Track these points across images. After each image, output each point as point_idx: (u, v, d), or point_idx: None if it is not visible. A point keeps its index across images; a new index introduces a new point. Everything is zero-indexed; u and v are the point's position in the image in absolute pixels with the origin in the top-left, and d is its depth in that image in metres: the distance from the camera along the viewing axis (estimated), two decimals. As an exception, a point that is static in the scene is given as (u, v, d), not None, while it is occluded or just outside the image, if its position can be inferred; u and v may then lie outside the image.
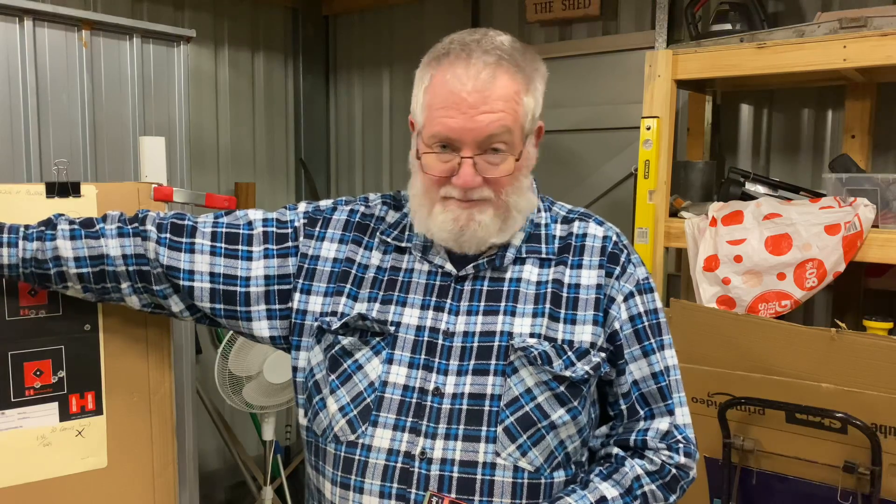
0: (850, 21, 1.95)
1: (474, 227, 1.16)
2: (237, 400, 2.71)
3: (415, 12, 3.49)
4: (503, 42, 1.15)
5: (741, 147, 2.64)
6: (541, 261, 1.23)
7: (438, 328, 1.19)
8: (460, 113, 1.11)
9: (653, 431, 1.21)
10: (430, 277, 1.23)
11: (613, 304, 1.21)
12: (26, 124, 2.06)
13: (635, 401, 1.22)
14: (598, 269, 1.21)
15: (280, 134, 3.71)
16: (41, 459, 1.49)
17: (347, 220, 1.31)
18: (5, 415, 1.46)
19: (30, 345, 1.48)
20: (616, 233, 1.27)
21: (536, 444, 1.15)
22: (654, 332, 1.23)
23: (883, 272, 2.30)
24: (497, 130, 1.12)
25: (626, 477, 1.19)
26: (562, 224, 1.27)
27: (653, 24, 2.70)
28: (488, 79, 1.11)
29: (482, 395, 1.14)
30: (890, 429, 1.74)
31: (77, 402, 1.52)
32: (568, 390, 1.16)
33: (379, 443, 1.16)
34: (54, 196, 1.54)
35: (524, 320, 1.18)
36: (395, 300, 1.22)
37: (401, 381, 1.17)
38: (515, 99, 1.13)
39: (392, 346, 1.19)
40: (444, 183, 1.16)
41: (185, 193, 1.83)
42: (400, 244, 1.27)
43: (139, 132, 2.29)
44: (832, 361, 1.80)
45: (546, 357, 1.15)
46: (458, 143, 1.13)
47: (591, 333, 1.18)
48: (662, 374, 1.23)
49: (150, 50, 2.32)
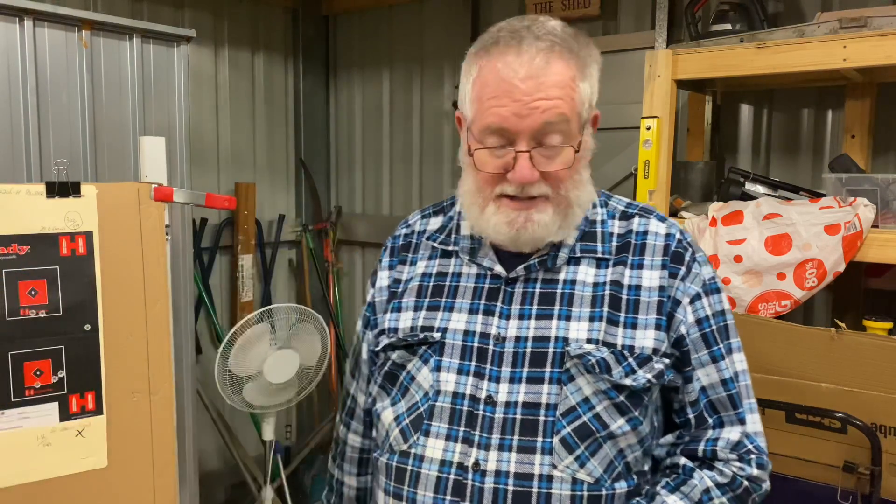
0: (850, 21, 1.95)
1: (532, 228, 1.10)
2: (237, 400, 2.71)
3: (415, 12, 3.49)
4: (555, 27, 1.09)
5: (741, 147, 2.64)
6: (597, 260, 1.15)
7: (489, 333, 1.13)
8: (513, 101, 1.04)
9: (723, 441, 1.13)
10: (479, 280, 1.18)
11: (679, 306, 1.13)
12: (26, 124, 2.07)
13: (704, 409, 1.14)
14: (661, 270, 1.14)
15: (280, 134, 3.71)
16: (41, 459, 1.49)
17: (392, 247, 1.31)
18: (5, 415, 1.46)
19: (30, 345, 1.48)
20: (680, 230, 1.19)
21: (595, 455, 1.08)
22: (722, 336, 1.15)
23: (883, 272, 2.30)
24: (554, 118, 1.05)
25: (695, 489, 1.11)
26: (620, 220, 1.19)
27: (653, 24, 2.70)
28: (542, 65, 1.04)
29: (537, 405, 1.09)
30: (890, 429, 1.74)
31: (77, 402, 1.52)
32: (628, 399, 1.09)
33: (431, 453, 1.12)
34: (54, 196, 1.54)
35: (580, 325, 1.11)
36: (441, 306, 1.18)
37: (450, 388, 1.13)
38: (571, 85, 1.06)
39: (440, 353, 1.15)
40: (498, 180, 1.09)
41: (185, 193, 1.82)
42: (446, 248, 1.23)
43: (139, 132, 2.30)
44: (832, 361, 1.80)
45: (605, 364, 1.08)
46: (513, 135, 1.06)
47: (653, 339, 1.11)
48: (732, 380, 1.15)
49: (150, 50, 2.32)
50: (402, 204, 3.64)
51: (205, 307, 3.33)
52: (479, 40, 1.13)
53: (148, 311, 1.65)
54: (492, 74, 1.07)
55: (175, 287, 1.98)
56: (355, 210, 3.81)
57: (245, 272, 3.47)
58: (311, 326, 2.77)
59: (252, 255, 3.49)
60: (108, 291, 1.60)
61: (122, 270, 1.64)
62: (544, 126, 1.05)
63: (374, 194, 3.74)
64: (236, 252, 3.44)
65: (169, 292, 1.75)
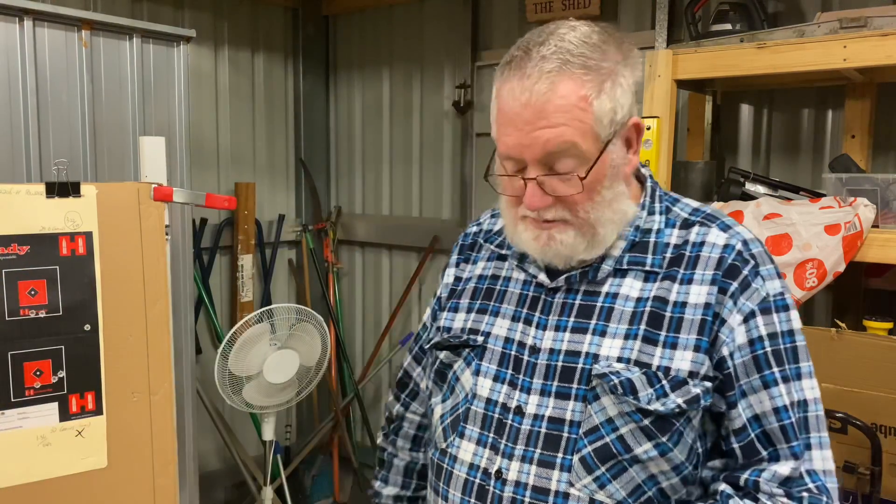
0: (850, 21, 1.95)
1: (556, 247, 1.07)
2: (237, 400, 2.71)
3: (415, 12, 3.49)
4: (571, 40, 1.03)
5: (741, 147, 2.64)
6: (645, 274, 1.09)
7: (526, 342, 1.12)
8: (517, 130, 1.02)
9: (769, 473, 1.03)
10: (525, 287, 1.16)
11: (724, 325, 1.04)
12: (26, 124, 2.07)
13: (755, 439, 1.04)
14: (710, 286, 1.05)
15: (280, 134, 3.71)
16: (41, 459, 1.49)
17: (462, 244, 1.31)
18: (5, 415, 1.46)
19: (30, 345, 1.48)
20: (744, 240, 1.08)
21: (617, 478, 1.04)
22: (779, 360, 1.04)
23: (883, 272, 2.30)
24: (556, 148, 1.01)
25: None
26: (680, 229, 1.11)
27: (653, 24, 2.69)
28: (545, 89, 1.00)
29: (562, 420, 1.06)
30: (890, 429, 1.74)
31: (77, 402, 1.52)
32: (654, 424, 1.03)
33: (463, 455, 1.13)
34: (54, 196, 1.54)
35: (614, 342, 1.06)
36: (490, 310, 1.18)
37: (485, 394, 1.13)
38: (581, 106, 1.01)
39: (481, 357, 1.15)
40: (519, 202, 1.08)
41: (185, 193, 1.83)
42: (501, 251, 1.23)
43: (139, 132, 2.30)
44: (832, 361, 1.80)
45: (630, 386, 1.03)
46: (522, 162, 1.04)
47: (690, 361, 1.03)
48: (787, 409, 1.04)
49: (150, 50, 2.32)
50: (401, 204, 3.64)
51: (205, 307, 3.33)
52: (505, 55, 1.08)
53: (148, 311, 1.65)
54: (501, 99, 1.05)
55: (175, 287, 1.98)
56: (355, 210, 3.81)
57: (245, 272, 3.47)
58: (310, 326, 2.77)
59: (252, 255, 3.49)
60: (108, 291, 1.60)
61: (122, 270, 1.64)
62: (548, 156, 1.02)
63: (374, 194, 3.74)
64: (236, 252, 3.44)
65: (169, 292, 1.75)
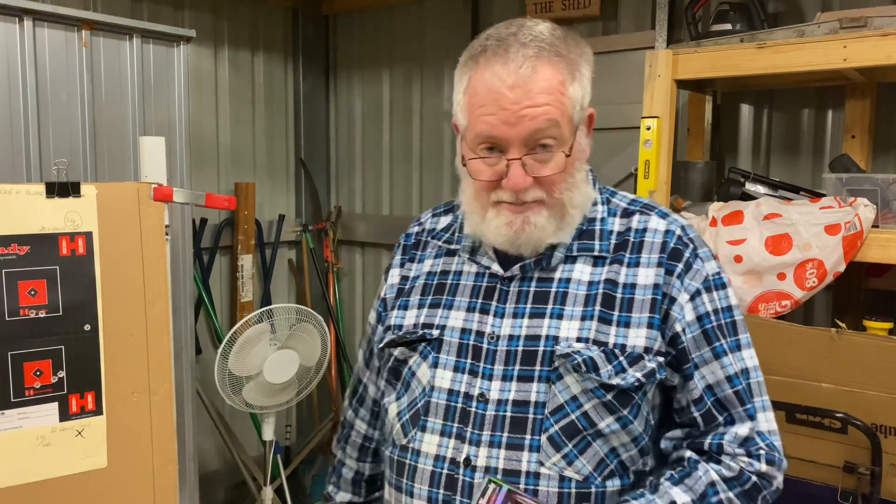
0: (850, 21, 1.95)
1: (530, 230, 1.11)
2: (237, 400, 2.71)
3: (415, 12, 3.49)
4: (542, 32, 1.10)
5: (741, 147, 2.64)
6: (594, 259, 1.16)
7: (484, 331, 1.15)
8: (502, 109, 1.06)
9: (730, 436, 1.12)
10: (478, 279, 1.20)
11: (675, 304, 1.12)
12: (26, 124, 2.07)
13: (711, 406, 1.13)
14: (657, 268, 1.13)
15: (280, 134, 3.71)
16: (41, 459, 1.49)
17: (404, 244, 1.34)
18: (5, 415, 1.46)
19: (30, 345, 1.48)
20: (682, 226, 1.18)
21: (583, 453, 1.10)
22: (726, 332, 1.14)
23: (883, 272, 2.30)
24: (543, 125, 1.07)
25: (700, 482, 1.09)
26: (621, 218, 1.20)
27: (653, 24, 2.70)
28: (529, 72, 1.06)
29: (526, 403, 1.10)
30: (890, 429, 1.74)
31: (77, 402, 1.52)
32: (616, 398, 1.09)
33: (427, 448, 1.14)
34: (54, 196, 1.54)
35: (572, 323, 1.12)
36: (442, 304, 1.20)
37: (446, 385, 1.15)
38: (560, 90, 1.08)
39: (438, 349, 1.17)
40: (494, 187, 1.12)
41: (185, 193, 1.83)
42: (450, 246, 1.26)
43: (139, 132, 2.29)
44: (832, 361, 1.80)
45: (592, 364, 1.09)
46: (504, 144, 1.08)
47: (644, 337, 1.11)
48: (738, 376, 1.13)
49: (150, 50, 2.32)
50: (401, 204, 3.64)
51: (205, 307, 3.33)
52: (468, 49, 1.15)
53: (148, 311, 1.65)
54: (481, 84, 1.09)
55: (175, 287, 1.98)
56: (355, 210, 3.81)
57: (245, 272, 3.47)
58: (310, 326, 2.77)
59: (252, 255, 3.49)
60: (107, 291, 1.60)
61: (122, 270, 1.64)
62: (534, 133, 1.07)
63: (374, 194, 3.74)
64: (236, 252, 3.44)
65: (169, 292, 1.75)
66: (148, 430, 1.59)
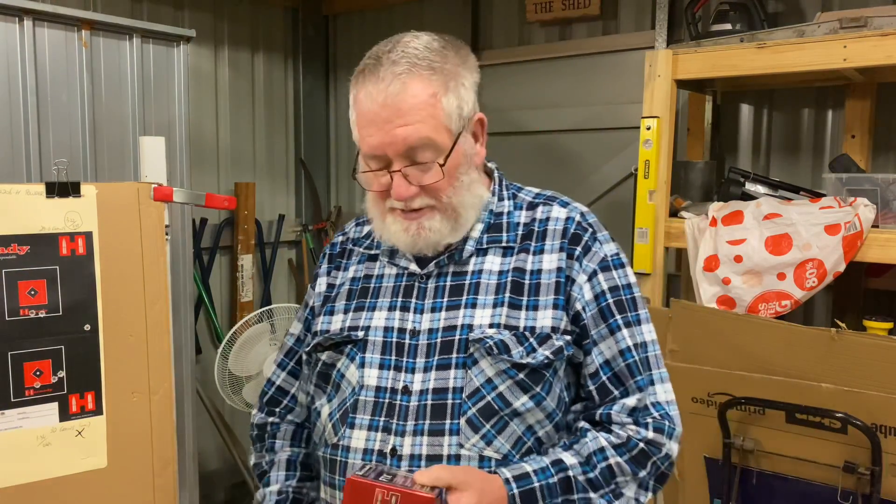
0: (850, 21, 1.95)
1: (426, 234, 1.17)
2: (237, 400, 2.71)
3: (415, 12, 3.49)
4: (416, 47, 1.15)
5: (741, 147, 2.64)
6: (503, 250, 1.23)
7: (405, 328, 1.20)
8: (378, 129, 1.13)
9: (618, 406, 1.17)
10: (398, 279, 1.25)
11: (574, 284, 1.19)
12: (26, 124, 2.07)
13: (606, 381, 1.18)
14: (560, 252, 1.20)
15: (280, 134, 3.71)
16: (41, 459, 1.49)
17: (330, 254, 1.38)
18: (5, 415, 1.46)
19: (30, 345, 1.48)
20: (581, 212, 1.25)
21: (501, 432, 1.14)
22: (621, 309, 1.20)
23: (883, 272, 2.30)
24: (416, 143, 1.12)
25: (586, 447, 1.16)
26: (526, 210, 1.26)
27: (653, 24, 2.70)
28: (398, 89, 1.12)
29: (445, 389, 1.15)
30: (890, 429, 1.74)
31: (77, 402, 1.52)
32: (528, 377, 1.15)
33: (356, 443, 1.18)
34: (54, 196, 1.54)
35: (485, 311, 1.18)
36: (366, 306, 1.25)
37: (373, 382, 1.19)
38: (431, 103, 1.13)
39: (363, 350, 1.22)
40: (385, 196, 1.19)
41: (185, 193, 1.83)
42: (370, 251, 1.31)
43: (139, 132, 2.30)
44: (832, 361, 1.80)
45: (503, 346, 1.15)
46: (386, 158, 1.15)
47: (551, 318, 1.17)
48: (630, 350, 1.19)
49: (150, 50, 2.32)
50: (402, 204, 3.64)
51: (205, 307, 3.33)
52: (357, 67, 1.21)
53: (148, 311, 1.65)
54: (360, 103, 1.16)
55: (175, 287, 1.98)
56: (355, 210, 3.81)
57: (245, 272, 3.47)
58: (311, 326, 2.77)
59: (252, 255, 3.49)
60: (108, 291, 1.60)
61: (122, 270, 1.64)
62: (409, 150, 1.13)
63: (374, 194, 3.73)
64: (236, 252, 3.44)
65: (169, 292, 1.75)
66: (148, 430, 1.59)
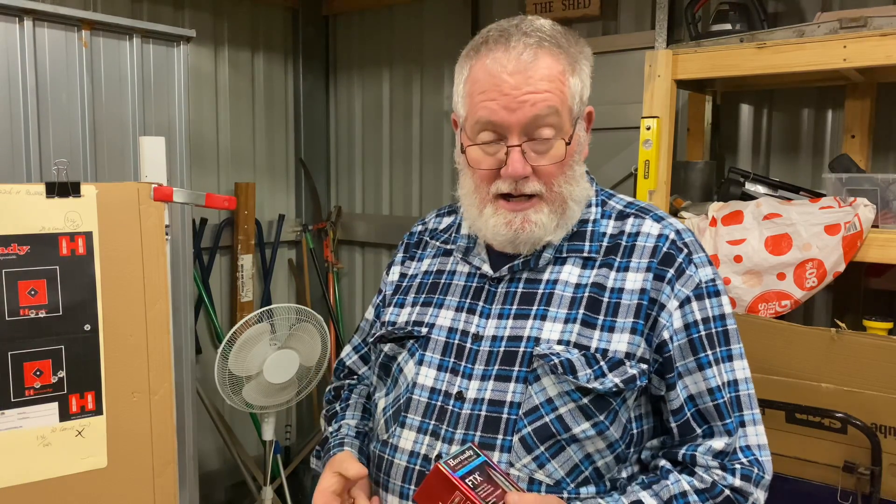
0: (850, 21, 1.95)
1: (530, 228, 1.10)
2: (237, 400, 2.71)
3: (415, 12, 3.49)
4: (543, 25, 1.11)
5: (741, 147, 2.64)
6: (584, 260, 1.14)
7: (469, 331, 1.15)
8: (503, 95, 1.06)
9: (703, 448, 1.08)
10: (469, 279, 1.20)
11: (664, 311, 1.09)
12: (26, 124, 2.07)
13: (690, 418, 1.09)
14: (646, 273, 1.10)
15: (280, 134, 3.71)
16: (41, 459, 1.49)
17: (407, 242, 1.35)
18: (5, 415, 1.46)
19: (30, 345, 1.48)
20: (677, 230, 1.15)
21: (555, 457, 1.07)
22: (711, 343, 1.10)
23: (883, 272, 2.30)
24: (543, 111, 1.06)
25: (667, 489, 1.06)
26: (615, 220, 1.17)
27: (653, 24, 2.69)
28: (530, 59, 1.06)
29: (501, 402, 1.09)
30: (890, 429, 1.74)
31: (77, 402, 1.52)
32: (593, 403, 1.07)
33: (403, 444, 1.15)
34: (54, 196, 1.54)
35: (555, 325, 1.10)
36: (434, 302, 1.21)
37: (429, 383, 1.15)
38: (560, 79, 1.07)
39: (424, 347, 1.17)
40: (493, 178, 1.10)
41: (185, 193, 1.83)
42: (446, 246, 1.26)
43: (139, 132, 2.29)
44: (832, 361, 1.80)
45: (569, 366, 1.07)
46: (504, 129, 1.07)
47: (627, 343, 1.08)
48: (720, 389, 1.09)
49: (150, 50, 2.32)
50: (401, 204, 3.64)
51: (205, 307, 3.33)
52: (471, 42, 1.15)
53: (148, 311, 1.65)
54: (482, 71, 1.09)
55: (175, 287, 1.98)
56: (355, 210, 3.81)
57: (245, 272, 3.47)
58: (310, 326, 2.77)
59: (252, 255, 3.49)
60: (108, 291, 1.60)
61: (122, 270, 1.64)
62: (534, 119, 1.06)
63: (374, 194, 3.74)
64: (236, 252, 3.44)
65: (169, 292, 1.75)
66: (148, 430, 1.59)
